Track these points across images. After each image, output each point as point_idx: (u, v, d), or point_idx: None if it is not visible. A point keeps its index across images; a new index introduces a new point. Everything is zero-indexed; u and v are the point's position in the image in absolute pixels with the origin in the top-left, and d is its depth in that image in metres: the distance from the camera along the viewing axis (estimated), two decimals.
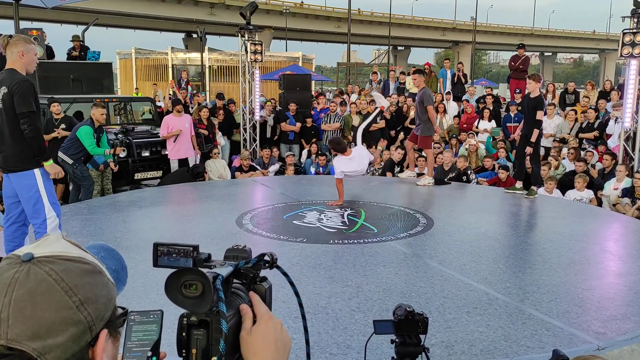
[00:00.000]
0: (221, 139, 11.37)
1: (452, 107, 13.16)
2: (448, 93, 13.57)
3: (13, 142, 4.44)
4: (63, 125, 8.71)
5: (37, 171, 4.52)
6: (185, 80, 15.41)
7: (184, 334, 0.91)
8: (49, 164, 4.63)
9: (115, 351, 0.83)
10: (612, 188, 8.27)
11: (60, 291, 0.73)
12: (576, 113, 11.46)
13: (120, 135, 8.46)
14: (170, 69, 27.21)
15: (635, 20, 8.82)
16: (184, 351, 0.91)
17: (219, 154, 10.48)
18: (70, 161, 7.72)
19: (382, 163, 10.55)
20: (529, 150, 7.60)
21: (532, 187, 7.76)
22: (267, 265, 1.02)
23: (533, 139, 7.51)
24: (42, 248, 0.78)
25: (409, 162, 8.99)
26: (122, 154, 8.98)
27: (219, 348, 0.87)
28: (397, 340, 1.89)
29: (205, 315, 0.90)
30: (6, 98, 4.37)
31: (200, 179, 9.43)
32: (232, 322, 0.91)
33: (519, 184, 7.94)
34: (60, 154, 7.74)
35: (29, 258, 0.75)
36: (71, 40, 12.92)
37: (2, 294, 0.72)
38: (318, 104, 13.40)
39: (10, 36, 4.44)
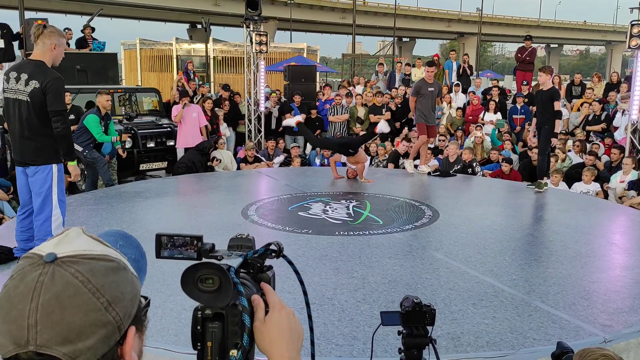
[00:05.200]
0: (226, 130, 11.36)
1: (460, 99, 13.09)
2: (457, 85, 13.48)
3: (36, 136, 4.35)
4: (72, 116, 8.74)
5: (54, 167, 4.44)
6: (192, 71, 15.35)
7: (198, 327, 0.89)
8: (73, 164, 4.61)
9: (142, 345, 0.81)
10: (618, 181, 8.24)
11: (87, 293, 0.71)
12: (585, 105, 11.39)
13: (125, 122, 8.52)
14: (174, 60, 27.10)
15: None
16: (199, 344, 0.90)
17: (224, 144, 10.49)
18: (80, 149, 7.92)
19: (386, 155, 10.53)
20: (554, 142, 7.56)
21: (540, 180, 7.63)
22: (273, 254, 1.01)
23: (556, 129, 7.47)
24: (64, 246, 0.75)
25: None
26: (128, 144, 9.00)
27: (243, 342, 0.86)
28: (404, 331, 1.88)
29: (220, 307, 0.88)
30: (36, 93, 4.21)
31: (210, 161, 9.47)
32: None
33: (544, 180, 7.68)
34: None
35: (52, 259, 0.72)
36: (82, 30, 12.90)
37: (27, 299, 0.70)
38: (323, 95, 13.37)
39: (45, 26, 4.27)
